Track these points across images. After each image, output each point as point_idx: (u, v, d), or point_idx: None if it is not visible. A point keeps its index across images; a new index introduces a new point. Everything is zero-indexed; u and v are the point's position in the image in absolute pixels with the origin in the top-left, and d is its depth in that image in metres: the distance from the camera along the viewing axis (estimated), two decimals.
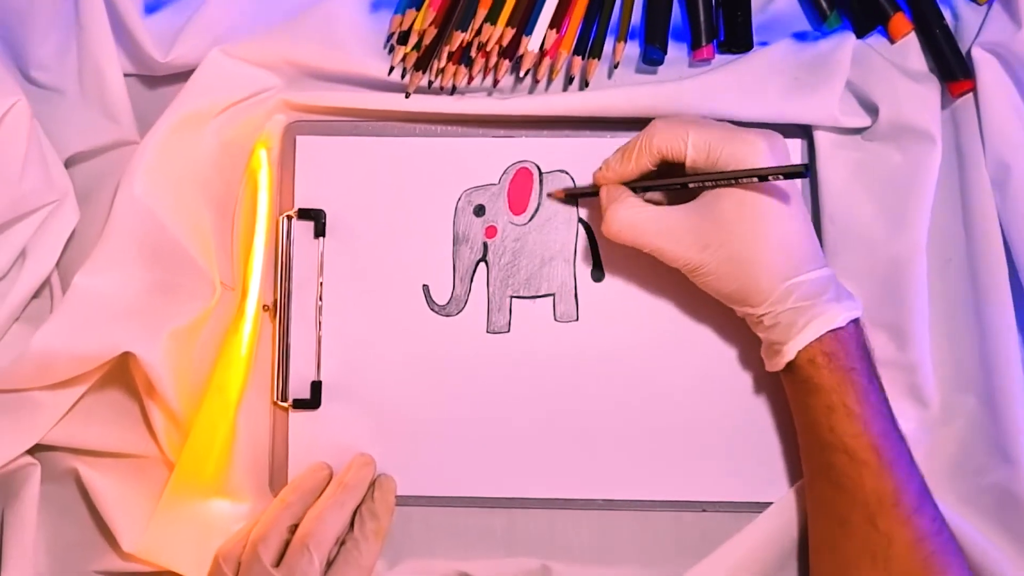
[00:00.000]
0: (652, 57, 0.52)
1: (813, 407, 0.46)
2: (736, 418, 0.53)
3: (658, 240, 0.47)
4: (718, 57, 0.53)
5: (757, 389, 0.53)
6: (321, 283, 0.54)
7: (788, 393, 0.49)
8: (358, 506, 0.51)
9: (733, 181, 0.46)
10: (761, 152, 0.46)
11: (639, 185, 0.49)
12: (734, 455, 0.53)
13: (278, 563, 0.48)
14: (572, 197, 0.53)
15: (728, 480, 0.53)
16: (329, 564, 0.49)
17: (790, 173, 0.44)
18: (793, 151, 0.53)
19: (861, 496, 0.44)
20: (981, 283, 0.51)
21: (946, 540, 0.45)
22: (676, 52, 0.53)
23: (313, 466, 0.52)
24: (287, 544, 0.49)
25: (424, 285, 0.54)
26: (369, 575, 0.50)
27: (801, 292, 0.46)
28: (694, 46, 0.53)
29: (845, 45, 0.52)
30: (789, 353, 0.46)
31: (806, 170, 0.44)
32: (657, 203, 0.49)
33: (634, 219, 0.48)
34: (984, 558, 0.48)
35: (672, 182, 0.48)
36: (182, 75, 0.52)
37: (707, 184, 0.47)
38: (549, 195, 0.53)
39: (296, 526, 0.49)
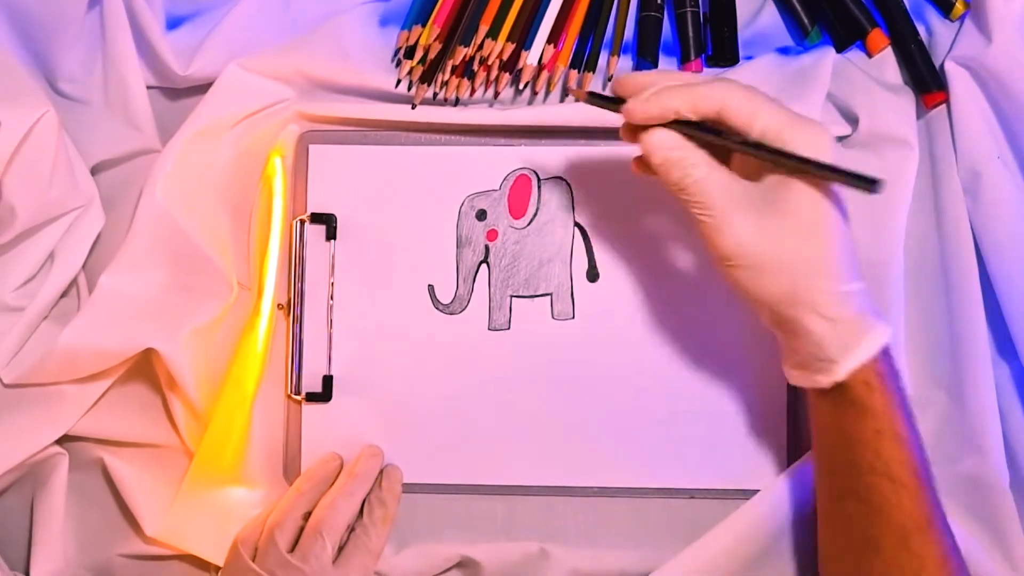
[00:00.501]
0: (644, 70, 0.53)
1: (859, 430, 0.42)
2: (723, 411, 0.53)
3: (711, 195, 0.40)
4: (706, 70, 0.54)
5: (743, 383, 0.54)
6: (332, 283, 0.54)
7: (820, 410, 0.45)
8: (367, 494, 0.52)
9: (802, 170, 0.40)
10: (827, 147, 0.40)
11: (681, 129, 0.41)
12: (721, 445, 0.53)
13: (293, 548, 0.49)
14: (596, 101, 0.44)
15: (715, 469, 0.53)
16: (340, 549, 0.50)
17: (861, 182, 0.39)
18: None
19: (897, 518, 0.42)
20: (953, 283, 0.52)
21: (960, 554, 0.43)
22: (666, 66, 0.54)
23: (325, 456, 0.54)
24: (301, 530, 0.50)
25: (429, 285, 0.55)
26: (377, 559, 0.51)
27: (855, 303, 0.41)
28: (683, 60, 0.54)
29: (826, 59, 0.53)
30: (841, 372, 0.41)
31: (877, 187, 0.38)
32: None
33: (688, 155, 0.40)
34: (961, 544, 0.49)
35: (734, 143, 0.41)
36: (201, 87, 0.53)
37: (767, 158, 0.40)
38: (570, 90, 0.46)
39: (310, 513, 0.50)
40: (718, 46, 0.54)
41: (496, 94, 0.54)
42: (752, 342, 0.54)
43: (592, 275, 0.54)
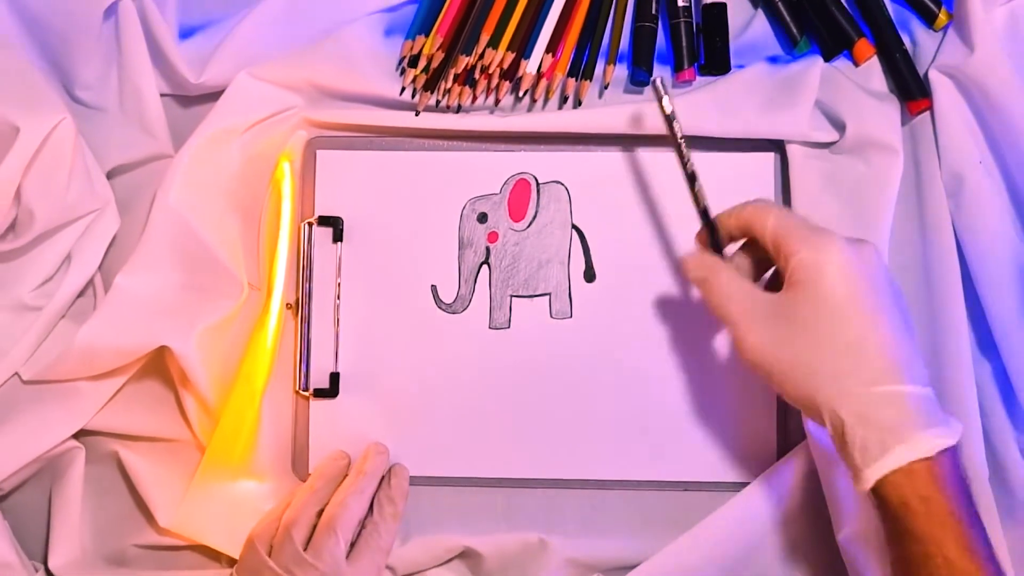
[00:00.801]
0: (638, 79, 0.54)
1: (908, 551, 0.39)
2: (715, 406, 0.54)
3: (730, 306, 0.43)
4: (699, 79, 0.55)
5: (734, 380, 0.54)
6: (339, 283, 0.55)
7: (878, 515, 0.41)
8: (376, 492, 0.53)
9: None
10: (833, 251, 0.41)
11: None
12: (713, 439, 0.54)
13: (307, 545, 0.49)
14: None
15: (708, 462, 0.54)
16: (352, 545, 0.51)
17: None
18: (767, 164, 0.55)
19: None
20: (936, 283, 0.52)
21: None
22: (660, 74, 0.52)
23: (333, 454, 0.54)
24: (315, 527, 0.50)
25: (432, 285, 0.55)
26: (387, 555, 0.52)
27: (893, 407, 0.39)
28: (677, 69, 0.54)
29: (814, 68, 0.53)
30: (867, 480, 0.39)
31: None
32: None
33: (712, 271, 0.44)
34: None
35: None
36: (213, 95, 0.53)
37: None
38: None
39: (323, 510, 0.51)
40: (710, 55, 0.54)
41: (497, 101, 0.55)
42: None
43: (589, 275, 0.55)
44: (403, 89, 0.54)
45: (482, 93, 0.55)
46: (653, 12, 0.54)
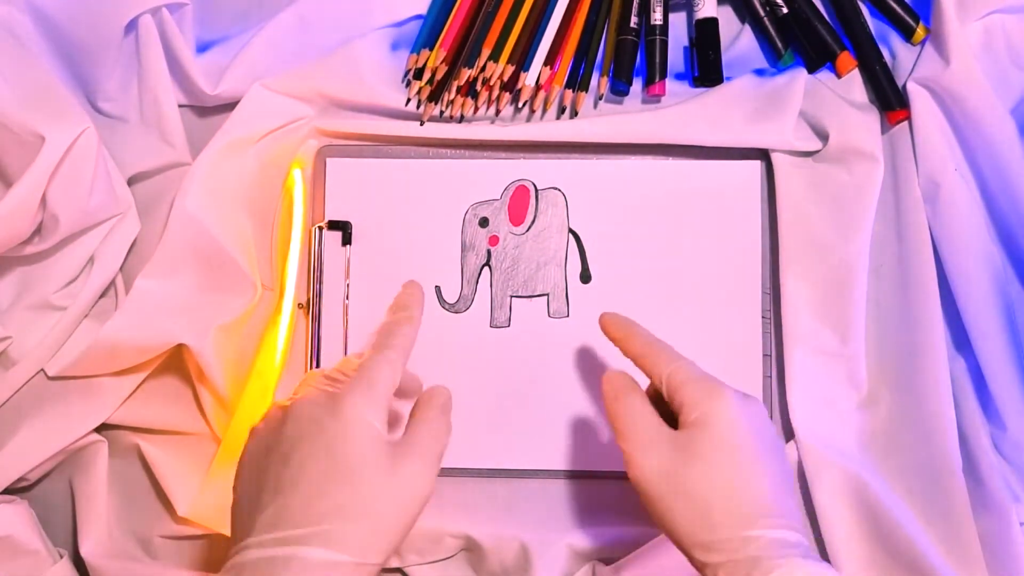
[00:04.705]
0: (618, 89, 0.54)
1: None
2: None
3: (629, 427, 0.43)
4: (691, 89, 0.55)
5: (721, 374, 0.53)
6: (348, 284, 0.55)
7: None
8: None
9: None
10: (728, 401, 0.41)
11: None
12: None
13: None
14: None
15: None
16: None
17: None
18: (753, 172, 0.55)
19: None
20: (912, 282, 0.52)
21: None
22: (635, 86, 0.55)
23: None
24: None
25: (436, 286, 0.56)
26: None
27: (762, 544, 0.38)
28: (648, 82, 0.54)
29: (798, 79, 0.53)
30: None
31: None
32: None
33: (628, 397, 0.44)
34: (906, 528, 0.50)
35: None
36: (228, 106, 0.54)
37: None
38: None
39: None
40: (703, 68, 0.54)
41: (497, 112, 0.55)
42: (726, 338, 0.55)
43: (585, 277, 0.56)
44: (408, 100, 0.54)
45: (483, 104, 0.55)
46: (632, 26, 0.54)
